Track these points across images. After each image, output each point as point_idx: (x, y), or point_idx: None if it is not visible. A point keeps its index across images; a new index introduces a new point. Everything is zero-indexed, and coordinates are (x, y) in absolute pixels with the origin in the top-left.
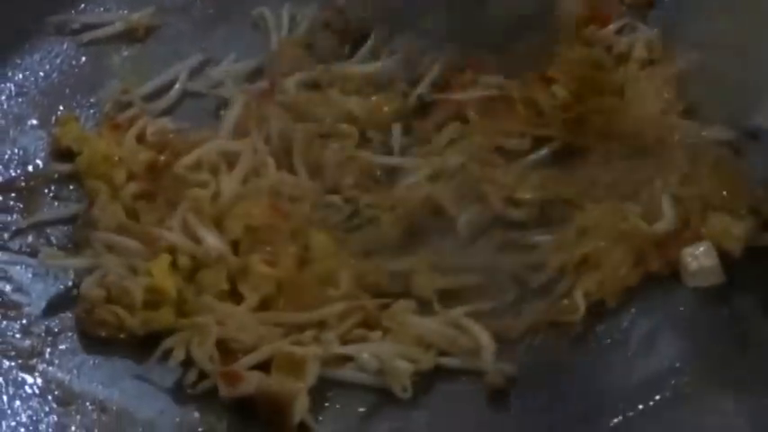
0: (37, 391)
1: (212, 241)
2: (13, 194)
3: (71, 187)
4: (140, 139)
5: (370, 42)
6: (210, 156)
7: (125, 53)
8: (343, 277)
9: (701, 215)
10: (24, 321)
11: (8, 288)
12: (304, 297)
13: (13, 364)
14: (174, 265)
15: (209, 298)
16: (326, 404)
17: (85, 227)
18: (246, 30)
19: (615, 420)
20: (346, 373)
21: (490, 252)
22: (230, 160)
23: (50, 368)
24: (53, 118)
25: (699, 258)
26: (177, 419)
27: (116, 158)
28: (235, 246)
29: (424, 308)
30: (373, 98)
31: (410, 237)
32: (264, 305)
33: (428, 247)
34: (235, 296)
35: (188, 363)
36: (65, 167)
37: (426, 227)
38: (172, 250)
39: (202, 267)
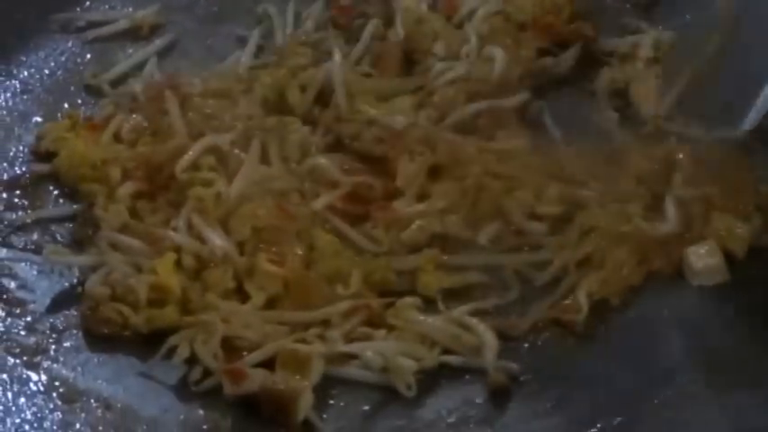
0: (41, 389)
1: (218, 241)
2: (17, 191)
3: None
4: (117, 137)
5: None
6: (197, 153)
7: (129, 51)
8: (354, 276)
9: (704, 216)
10: (29, 318)
11: (13, 285)
12: (311, 296)
13: (17, 361)
14: (178, 264)
15: (214, 296)
16: (331, 402)
17: (86, 225)
18: (251, 28)
19: (619, 419)
20: (350, 370)
21: (495, 251)
22: (219, 156)
23: (55, 365)
24: (58, 115)
25: (703, 257)
26: (181, 417)
27: (96, 159)
28: (240, 246)
29: (429, 306)
30: None
31: None
32: (270, 304)
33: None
34: (239, 295)
35: (192, 360)
36: (44, 168)
37: None
38: (177, 249)
39: (207, 267)
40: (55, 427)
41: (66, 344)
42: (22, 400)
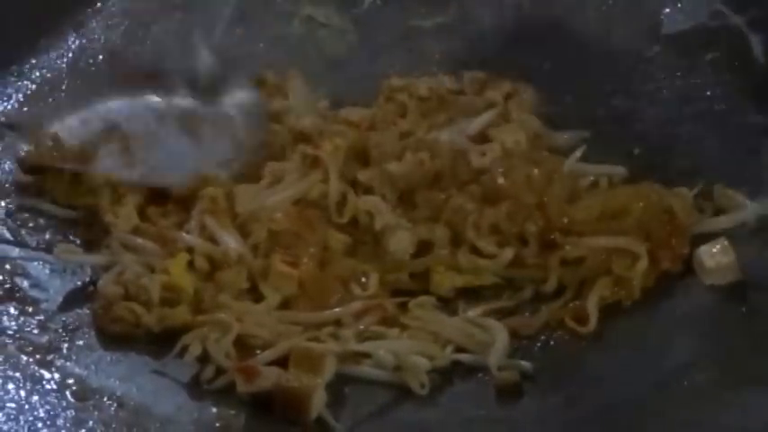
0: (54, 387)
1: (232, 243)
2: (29, 191)
3: None
4: None
5: None
6: None
7: None
8: (372, 279)
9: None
10: (42, 317)
11: (25, 284)
12: (326, 297)
13: (30, 359)
14: (191, 265)
15: (227, 297)
16: (344, 400)
17: (94, 228)
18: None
19: (631, 417)
20: (363, 369)
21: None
22: None
23: (68, 364)
24: None
25: (715, 256)
26: (195, 415)
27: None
28: (253, 247)
29: (443, 305)
30: None
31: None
32: (285, 305)
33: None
34: (253, 295)
35: (205, 359)
36: (29, 179)
37: None
38: (189, 251)
39: (221, 268)
40: (68, 425)
41: (79, 342)
42: (35, 398)
